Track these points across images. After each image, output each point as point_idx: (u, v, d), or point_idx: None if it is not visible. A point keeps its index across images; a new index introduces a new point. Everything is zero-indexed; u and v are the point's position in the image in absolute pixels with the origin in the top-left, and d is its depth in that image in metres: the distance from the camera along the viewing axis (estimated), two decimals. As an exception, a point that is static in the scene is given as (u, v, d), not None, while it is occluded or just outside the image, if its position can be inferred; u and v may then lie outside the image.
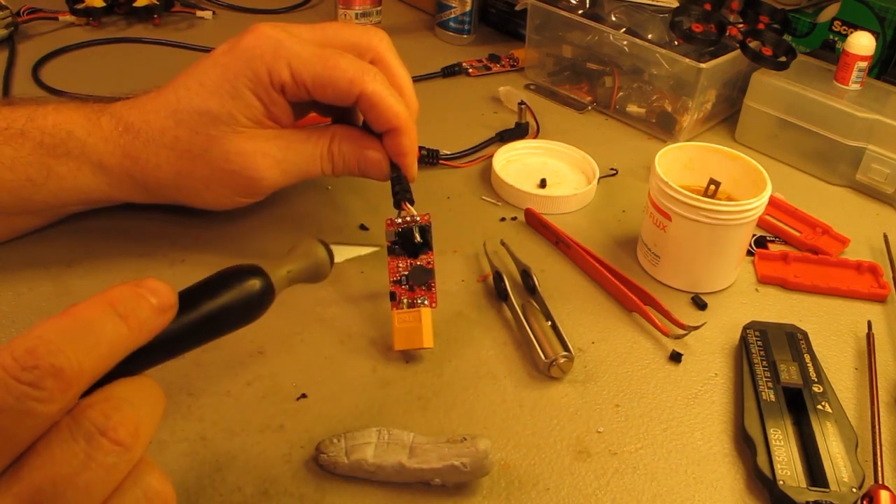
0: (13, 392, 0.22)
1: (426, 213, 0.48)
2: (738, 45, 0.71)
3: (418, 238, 0.47)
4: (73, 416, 0.23)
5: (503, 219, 0.61)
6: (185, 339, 0.28)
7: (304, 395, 0.45)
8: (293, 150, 0.50)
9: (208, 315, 0.29)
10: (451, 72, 0.83)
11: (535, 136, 0.72)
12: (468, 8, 0.89)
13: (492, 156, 0.66)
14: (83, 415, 0.23)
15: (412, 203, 0.48)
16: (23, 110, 0.48)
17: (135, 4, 0.87)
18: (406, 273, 0.47)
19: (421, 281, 0.46)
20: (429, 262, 0.47)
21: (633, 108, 0.77)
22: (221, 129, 0.47)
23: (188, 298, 0.28)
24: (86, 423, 0.23)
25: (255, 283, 0.31)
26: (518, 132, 0.71)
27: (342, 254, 0.42)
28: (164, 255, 0.54)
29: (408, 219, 0.47)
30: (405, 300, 0.47)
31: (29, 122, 0.47)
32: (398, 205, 0.48)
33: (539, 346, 0.47)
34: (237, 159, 0.48)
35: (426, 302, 0.47)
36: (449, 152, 0.68)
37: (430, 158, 0.66)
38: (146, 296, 0.26)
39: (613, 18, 0.79)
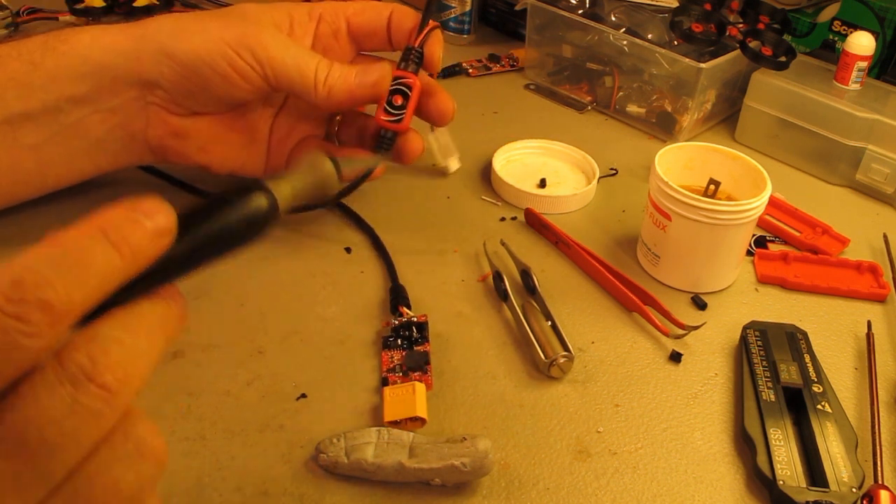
0: None
1: (423, 314, 0.50)
2: (738, 45, 0.71)
3: (416, 334, 0.48)
4: (58, 358, 0.22)
5: (503, 219, 0.61)
6: (184, 264, 0.26)
7: (303, 395, 0.45)
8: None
9: (209, 237, 0.27)
10: (451, 72, 0.83)
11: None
12: (468, 8, 0.89)
13: (492, 154, 0.66)
14: (69, 358, 0.22)
15: (409, 307, 0.50)
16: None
17: (135, 4, 0.87)
18: (400, 362, 0.47)
19: (417, 365, 0.46)
20: (425, 350, 0.47)
21: (633, 108, 0.77)
22: None
23: (188, 219, 0.26)
24: (72, 367, 0.22)
25: (259, 202, 0.29)
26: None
27: (349, 166, 0.39)
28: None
29: (404, 321, 0.49)
30: (399, 382, 0.46)
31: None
32: (395, 310, 0.50)
33: (539, 346, 0.47)
34: None
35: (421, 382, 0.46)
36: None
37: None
38: (141, 220, 0.23)
39: (613, 18, 0.79)
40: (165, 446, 0.24)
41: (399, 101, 0.52)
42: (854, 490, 0.40)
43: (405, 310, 0.50)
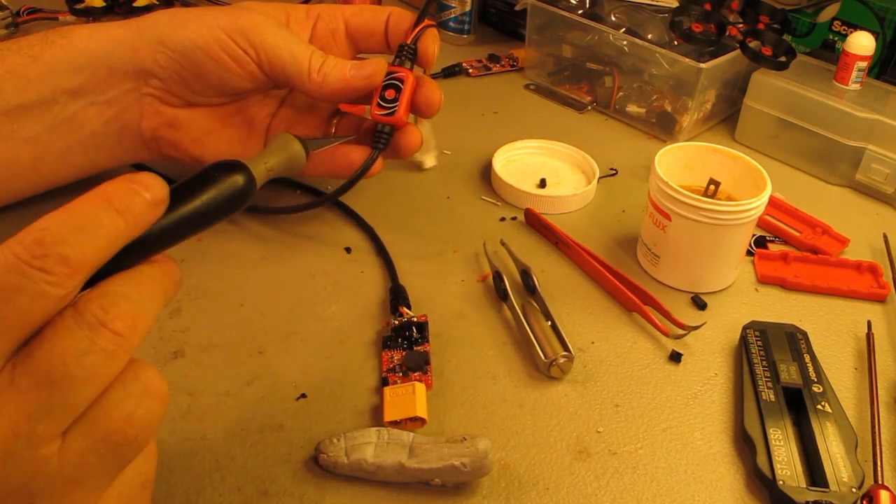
0: (27, 275, 0.24)
1: (423, 314, 0.50)
2: (738, 45, 0.71)
3: (416, 334, 0.48)
4: (76, 308, 0.26)
5: (503, 219, 0.61)
6: (174, 232, 0.30)
7: (303, 395, 0.45)
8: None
9: (195, 209, 0.31)
10: (451, 72, 0.83)
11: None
12: (468, 8, 0.89)
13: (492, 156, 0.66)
14: (85, 308, 0.26)
15: (409, 307, 0.50)
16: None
17: (135, 4, 0.87)
18: (399, 362, 0.47)
19: (417, 365, 0.46)
20: (425, 350, 0.48)
21: (633, 108, 0.77)
22: None
23: (177, 193, 0.30)
24: (87, 316, 0.26)
25: (238, 179, 0.33)
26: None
27: (316, 145, 0.43)
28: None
29: (404, 320, 0.49)
30: (399, 382, 0.46)
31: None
32: (395, 310, 0.50)
33: (539, 346, 0.47)
34: None
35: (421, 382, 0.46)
36: (448, 152, 0.68)
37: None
38: (140, 191, 0.28)
39: (613, 18, 0.79)
40: (168, 389, 0.29)
41: (392, 94, 0.52)
42: (854, 490, 0.40)
43: (405, 310, 0.50)
